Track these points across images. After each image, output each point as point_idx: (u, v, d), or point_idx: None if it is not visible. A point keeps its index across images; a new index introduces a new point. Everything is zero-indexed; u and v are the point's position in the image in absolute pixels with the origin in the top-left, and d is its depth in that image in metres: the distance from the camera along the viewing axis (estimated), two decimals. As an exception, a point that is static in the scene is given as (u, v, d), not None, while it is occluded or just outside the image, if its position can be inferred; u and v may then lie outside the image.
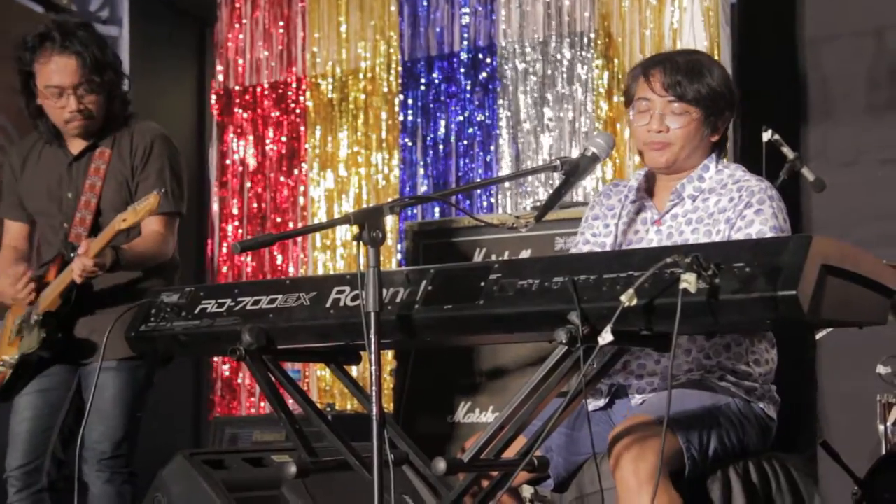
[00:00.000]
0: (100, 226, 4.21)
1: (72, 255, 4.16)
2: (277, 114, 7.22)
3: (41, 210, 4.39)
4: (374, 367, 2.72)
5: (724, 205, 3.28)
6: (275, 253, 7.14)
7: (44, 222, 4.40)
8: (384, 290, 2.83)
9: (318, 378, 6.86)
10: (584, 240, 3.50)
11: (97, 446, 4.20)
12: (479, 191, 6.66)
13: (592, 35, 6.36)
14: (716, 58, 5.88)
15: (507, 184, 6.52)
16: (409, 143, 6.85)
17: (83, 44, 4.22)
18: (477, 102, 6.70)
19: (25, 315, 4.24)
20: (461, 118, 6.74)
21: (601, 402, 3.32)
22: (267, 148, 7.22)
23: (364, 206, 6.76)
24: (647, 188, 3.45)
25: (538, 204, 5.16)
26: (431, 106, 6.83)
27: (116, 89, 4.33)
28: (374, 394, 2.72)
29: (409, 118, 6.87)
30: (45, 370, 4.29)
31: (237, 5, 7.31)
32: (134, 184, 4.29)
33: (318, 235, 7.03)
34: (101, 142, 4.33)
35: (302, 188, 7.11)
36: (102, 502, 4.21)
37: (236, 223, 7.25)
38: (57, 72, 4.22)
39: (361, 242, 2.77)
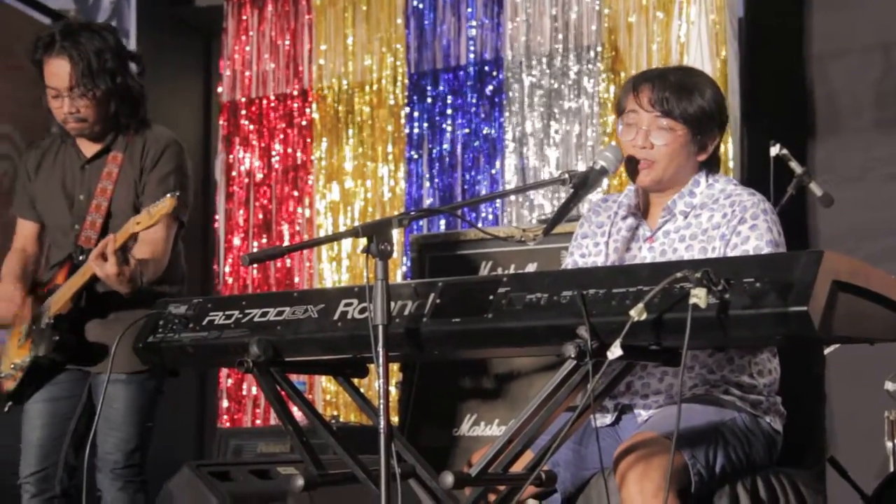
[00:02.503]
0: (108, 230, 4.22)
1: (80, 258, 4.18)
2: (283, 126, 7.22)
3: (52, 211, 4.40)
4: (382, 380, 2.71)
5: (717, 220, 3.26)
6: (278, 264, 7.13)
7: (54, 224, 4.41)
8: (392, 303, 2.83)
9: (322, 390, 6.85)
10: (572, 261, 3.48)
11: (110, 456, 4.24)
12: (484, 204, 6.65)
13: (599, 49, 6.36)
14: (723, 72, 5.90)
15: (513, 197, 6.51)
16: (416, 156, 6.85)
17: (81, 48, 4.22)
18: (483, 115, 6.70)
19: (35, 318, 4.24)
20: (467, 131, 6.74)
21: (608, 419, 3.31)
22: (273, 160, 7.21)
23: (369, 218, 6.75)
24: (639, 204, 3.43)
25: (545, 217, 5.15)
26: (437, 119, 6.83)
27: (118, 95, 4.31)
28: (381, 407, 2.71)
29: (416, 131, 6.87)
30: (55, 377, 4.30)
31: (244, 17, 7.32)
32: (141, 184, 4.29)
33: (323, 248, 7.03)
34: (115, 145, 4.34)
35: (307, 200, 7.11)
36: None
37: (242, 235, 7.25)
38: (54, 74, 4.25)
39: (369, 255, 2.77)
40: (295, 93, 7.19)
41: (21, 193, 4.50)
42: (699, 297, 2.53)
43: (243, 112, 7.30)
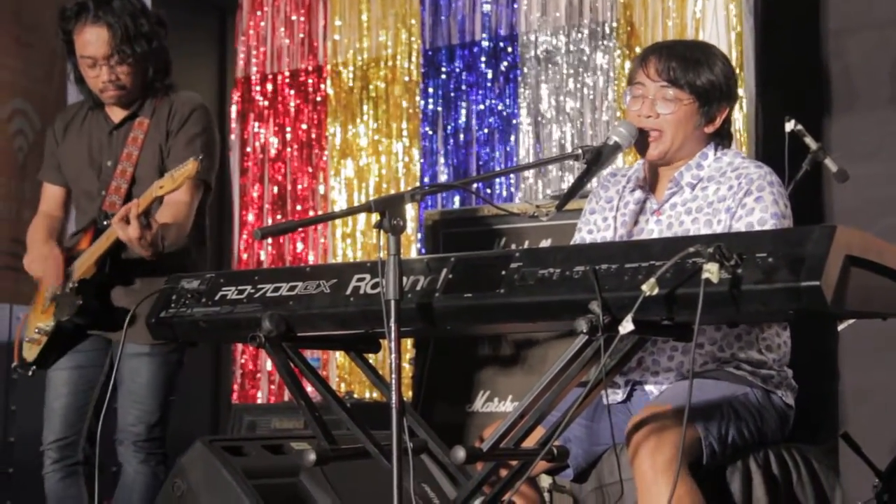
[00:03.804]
0: (133, 195, 4.23)
1: (105, 222, 4.19)
2: (298, 102, 7.21)
3: (79, 177, 4.41)
4: (394, 356, 2.71)
5: (723, 193, 3.25)
6: (292, 240, 7.14)
7: (79, 189, 4.42)
8: (404, 278, 2.83)
9: (337, 366, 6.86)
10: (580, 238, 3.48)
11: (132, 429, 4.26)
12: (498, 180, 6.64)
13: (615, 24, 6.33)
14: (738, 48, 5.87)
15: (527, 173, 6.50)
16: (430, 132, 6.84)
17: (116, 14, 4.23)
18: (498, 91, 6.68)
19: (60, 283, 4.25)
20: (482, 107, 6.72)
21: (619, 396, 3.31)
22: (287, 136, 7.21)
23: (384, 194, 6.74)
24: (646, 177, 3.42)
25: (559, 193, 5.14)
26: (452, 95, 6.81)
27: (153, 59, 4.32)
28: (393, 382, 2.72)
29: (430, 107, 6.85)
30: (78, 344, 4.32)
31: (258, -7, 7.31)
32: (167, 147, 4.30)
33: (338, 223, 7.02)
34: (141, 111, 4.34)
35: (322, 176, 7.11)
36: (138, 481, 4.28)
37: (256, 210, 7.26)
38: (90, 42, 4.25)
39: (382, 230, 2.77)
40: (310, 69, 7.19)
41: (49, 158, 4.51)
42: (711, 271, 2.52)
43: (258, 88, 7.29)
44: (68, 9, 4.31)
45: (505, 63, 6.66)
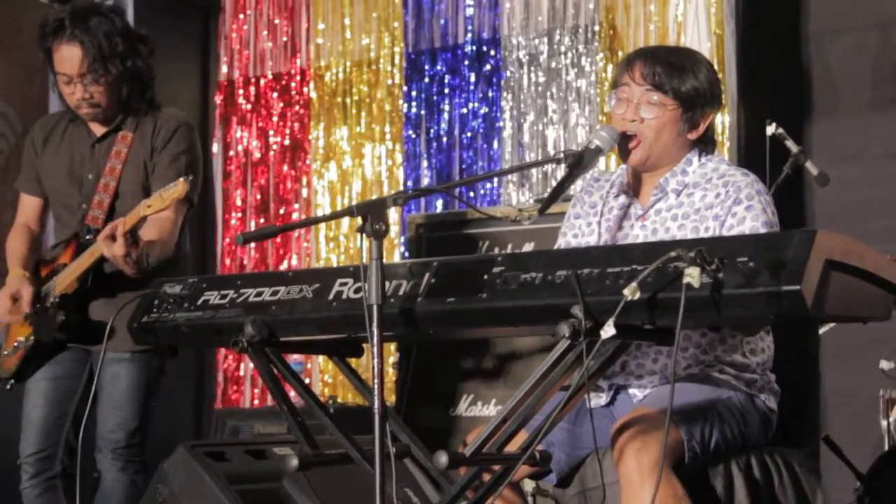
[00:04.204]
0: (116, 209, 4.22)
1: (87, 237, 4.18)
2: (281, 105, 7.21)
3: (59, 189, 4.40)
4: (376, 360, 2.71)
5: (710, 200, 3.26)
6: (275, 244, 7.13)
7: (59, 202, 4.41)
8: (387, 283, 2.83)
9: (320, 370, 6.85)
10: (565, 242, 3.48)
11: (112, 436, 4.25)
12: (482, 183, 6.65)
13: (597, 28, 6.34)
14: (720, 51, 5.89)
15: (510, 176, 6.50)
16: (413, 136, 6.84)
17: (91, 33, 4.22)
18: (481, 94, 6.69)
19: (39, 297, 4.24)
20: (465, 110, 6.73)
21: (603, 400, 3.31)
22: (270, 139, 7.21)
23: (367, 198, 6.74)
24: (630, 183, 3.43)
25: (541, 197, 5.15)
26: (435, 98, 6.82)
27: (129, 78, 4.30)
28: (376, 387, 2.72)
29: (413, 110, 6.85)
30: (57, 355, 4.30)
31: (241, -4, 7.30)
32: (151, 165, 4.29)
33: (322, 227, 7.02)
34: (125, 125, 4.33)
35: (305, 179, 7.10)
36: (117, 489, 4.26)
37: (239, 214, 7.25)
38: (65, 60, 4.25)
39: (364, 234, 2.77)
40: (293, 72, 7.18)
41: (27, 168, 4.49)
42: (693, 276, 2.53)
43: (241, 91, 7.28)
44: (47, 25, 4.29)
45: (488, 66, 6.66)
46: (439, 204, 6.58)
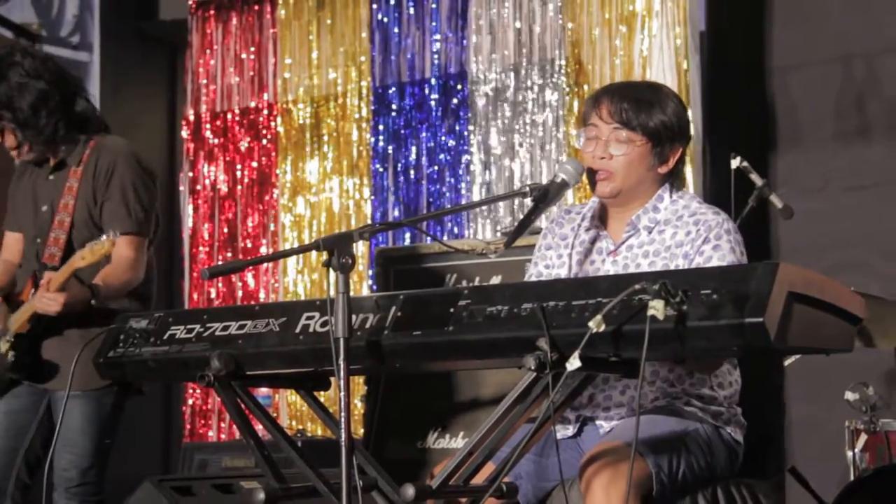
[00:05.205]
0: (73, 244, 4.20)
1: (43, 274, 4.17)
2: (249, 140, 7.21)
3: (22, 221, 4.40)
4: (342, 393, 2.72)
5: (680, 238, 3.27)
6: (246, 278, 7.12)
7: (24, 234, 4.40)
8: (353, 316, 2.84)
9: (288, 404, 6.83)
10: (536, 272, 3.49)
11: (65, 473, 4.20)
12: (449, 216, 6.66)
13: (563, 62, 6.39)
14: (684, 85, 5.93)
15: (477, 210, 6.52)
16: (381, 169, 6.86)
17: None
18: (447, 128, 6.72)
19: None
20: (432, 144, 6.75)
21: (570, 431, 3.32)
22: (238, 174, 7.21)
23: (335, 231, 6.75)
24: (602, 216, 3.44)
25: (507, 230, 5.17)
26: (402, 132, 6.84)
27: (43, 119, 4.22)
28: (342, 420, 2.72)
29: (381, 144, 6.88)
30: (13, 390, 4.28)
31: (208, 31, 7.31)
32: (98, 206, 4.26)
33: (290, 261, 7.02)
34: (70, 158, 4.29)
35: (273, 214, 7.11)
36: None
37: (207, 249, 7.24)
38: None
39: (331, 268, 2.77)
40: (260, 107, 7.19)
41: (9, 204, 4.49)
42: (657, 308, 2.54)
43: (208, 125, 7.29)
44: None
45: (455, 100, 6.69)
46: (407, 237, 6.59)
